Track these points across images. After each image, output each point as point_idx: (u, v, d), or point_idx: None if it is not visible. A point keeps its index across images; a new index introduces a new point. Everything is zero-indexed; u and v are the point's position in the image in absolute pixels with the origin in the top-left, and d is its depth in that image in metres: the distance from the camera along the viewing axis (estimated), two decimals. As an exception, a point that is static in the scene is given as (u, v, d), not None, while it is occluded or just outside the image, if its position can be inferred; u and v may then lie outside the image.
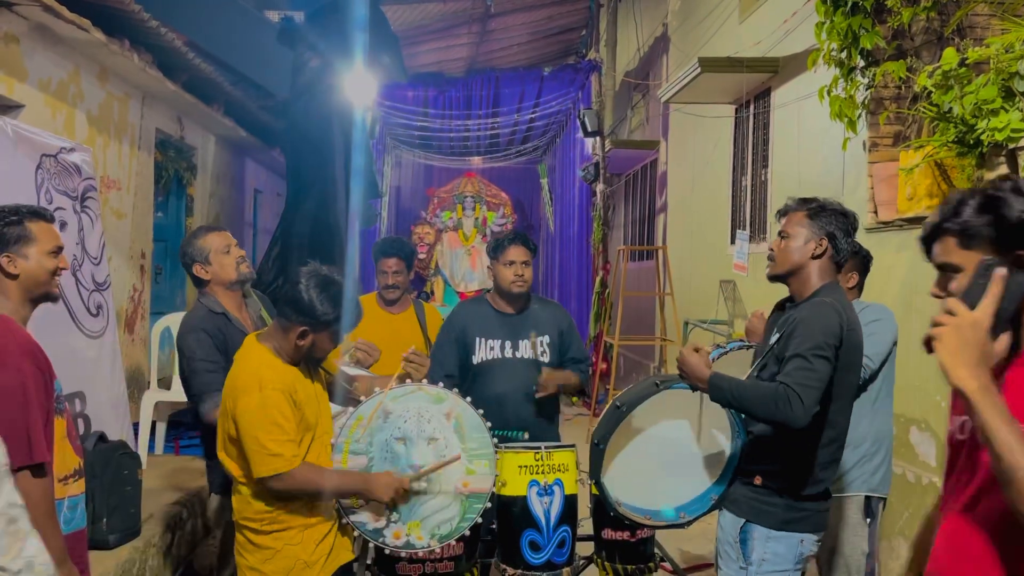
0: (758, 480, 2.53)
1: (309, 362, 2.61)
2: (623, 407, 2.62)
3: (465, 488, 2.69)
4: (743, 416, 2.59)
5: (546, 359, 3.55)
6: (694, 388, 2.51)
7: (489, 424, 2.74)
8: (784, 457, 2.49)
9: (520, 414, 3.46)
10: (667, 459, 2.73)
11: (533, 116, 12.95)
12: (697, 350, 2.51)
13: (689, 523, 2.74)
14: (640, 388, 2.68)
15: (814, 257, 2.52)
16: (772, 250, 2.61)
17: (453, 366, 3.58)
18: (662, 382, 2.64)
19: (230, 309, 3.23)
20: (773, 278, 2.62)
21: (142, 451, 5.21)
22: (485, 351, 3.54)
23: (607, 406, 2.71)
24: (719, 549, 2.63)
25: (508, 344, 3.54)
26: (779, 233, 2.61)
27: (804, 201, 2.59)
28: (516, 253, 3.50)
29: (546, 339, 3.56)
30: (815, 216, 2.54)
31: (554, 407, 3.62)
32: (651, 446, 2.73)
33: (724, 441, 2.71)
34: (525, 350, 3.53)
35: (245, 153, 10.28)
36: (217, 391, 3.12)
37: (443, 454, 2.67)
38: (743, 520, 2.54)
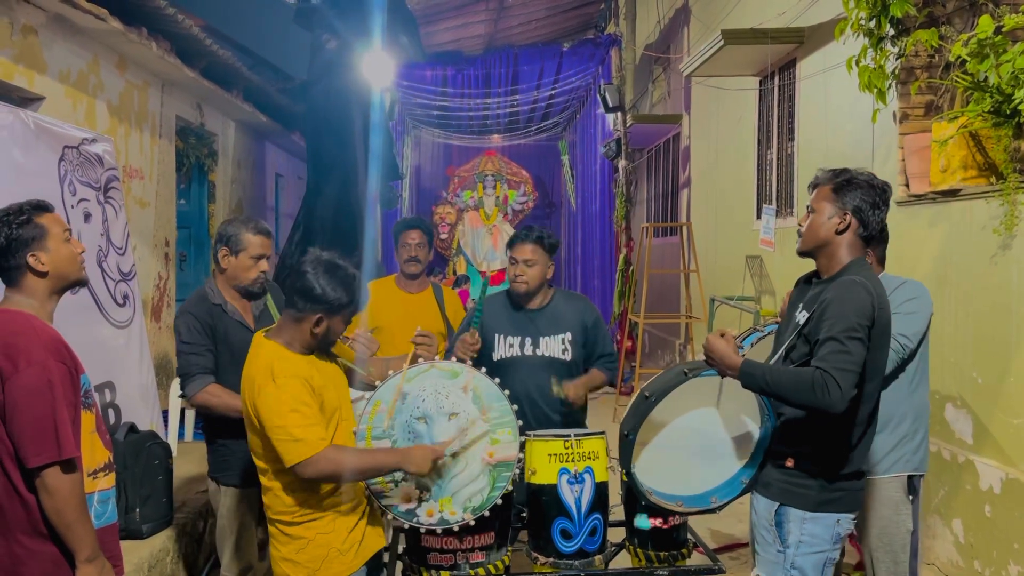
0: (790, 463, 2.49)
1: (322, 348, 2.59)
2: (652, 397, 2.56)
3: (491, 458, 2.67)
4: (772, 400, 2.55)
5: (568, 357, 3.44)
6: (723, 375, 2.47)
7: (507, 391, 2.72)
8: (817, 439, 2.45)
9: (540, 414, 3.37)
10: (696, 445, 2.69)
11: (553, 93, 12.83)
12: (723, 335, 2.46)
13: (720, 508, 2.70)
14: (668, 377, 2.62)
15: (838, 232, 2.47)
16: (800, 225, 2.56)
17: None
18: (690, 370, 2.58)
19: (230, 299, 3.22)
20: (801, 254, 2.59)
21: (171, 439, 5.25)
22: (504, 348, 3.45)
23: (634, 396, 2.67)
24: (755, 533, 2.60)
25: (528, 341, 3.44)
26: (807, 207, 2.55)
27: (833, 174, 2.52)
28: (521, 251, 3.40)
29: (568, 336, 3.45)
30: (840, 190, 2.48)
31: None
32: (679, 433, 2.69)
33: (752, 424, 2.67)
34: (545, 348, 3.44)
35: (265, 138, 10.28)
36: (200, 373, 3.12)
37: (465, 427, 2.66)
38: (777, 503, 2.51)
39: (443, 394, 2.67)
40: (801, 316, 2.50)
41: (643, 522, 2.90)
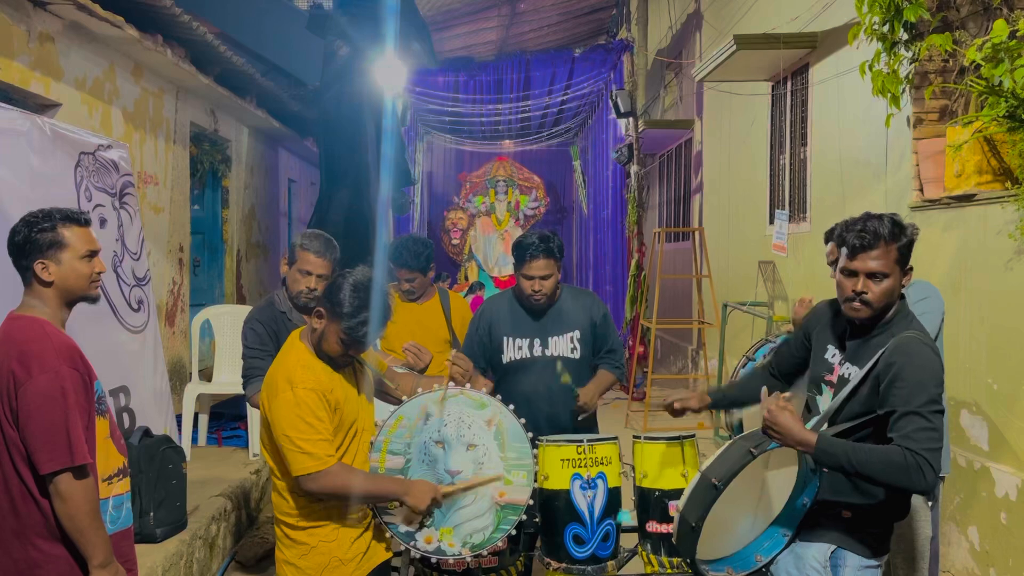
0: (847, 514, 2.41)
1: (337, 360, 2.55)
2: (720, 484, 2.32)
3: (501, 498, 2.62)
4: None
5: (577, 355, 3.42)
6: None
7: (531, 435, 2.67)
8: (873, 493, 2.37)
9: (552, 413, 3.37)
10: (735, 505, 2.50)
11: (564, 98, 12.82)
12: (783, 406, 2.28)
13: (767, 565, 2.51)
14: (734, 459, 2.37)
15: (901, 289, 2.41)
16: (863, 292, 2.35)
17: (482, 362, 3.50)
18: (756, 447, 2.35)
19: (295, 308, 3.31)
20: (867, 320, 2.40)
21: (185, 443, 5.28)
22: (513, 351, 3.44)
23: (697, 481, 2.41)
24: (794, 573, 2.47)
25: (537, 342, 3.42)
26: (871, 275, 2.35)
27: (894, 234, 2.36)
28: (536, 268, 3.30)
29: (576, 334, 3.43)
30: (907, 251, 2.38)
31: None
32: (724, 499, 2.46)
33: (783, 476, 2.52)
34: (555, 347, 3.42)
35: (278, 144, 10.33)
36: (259, 376, 3.16)
37: (481, 461, 2.60)
38: (834, 547, 2.42)
39: (466, 423, 2.63)
40: (848, 371, 2.40)
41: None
